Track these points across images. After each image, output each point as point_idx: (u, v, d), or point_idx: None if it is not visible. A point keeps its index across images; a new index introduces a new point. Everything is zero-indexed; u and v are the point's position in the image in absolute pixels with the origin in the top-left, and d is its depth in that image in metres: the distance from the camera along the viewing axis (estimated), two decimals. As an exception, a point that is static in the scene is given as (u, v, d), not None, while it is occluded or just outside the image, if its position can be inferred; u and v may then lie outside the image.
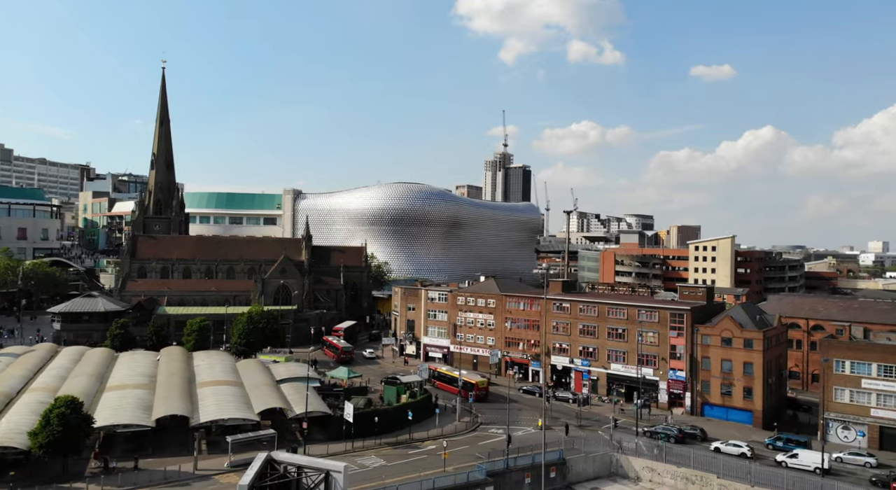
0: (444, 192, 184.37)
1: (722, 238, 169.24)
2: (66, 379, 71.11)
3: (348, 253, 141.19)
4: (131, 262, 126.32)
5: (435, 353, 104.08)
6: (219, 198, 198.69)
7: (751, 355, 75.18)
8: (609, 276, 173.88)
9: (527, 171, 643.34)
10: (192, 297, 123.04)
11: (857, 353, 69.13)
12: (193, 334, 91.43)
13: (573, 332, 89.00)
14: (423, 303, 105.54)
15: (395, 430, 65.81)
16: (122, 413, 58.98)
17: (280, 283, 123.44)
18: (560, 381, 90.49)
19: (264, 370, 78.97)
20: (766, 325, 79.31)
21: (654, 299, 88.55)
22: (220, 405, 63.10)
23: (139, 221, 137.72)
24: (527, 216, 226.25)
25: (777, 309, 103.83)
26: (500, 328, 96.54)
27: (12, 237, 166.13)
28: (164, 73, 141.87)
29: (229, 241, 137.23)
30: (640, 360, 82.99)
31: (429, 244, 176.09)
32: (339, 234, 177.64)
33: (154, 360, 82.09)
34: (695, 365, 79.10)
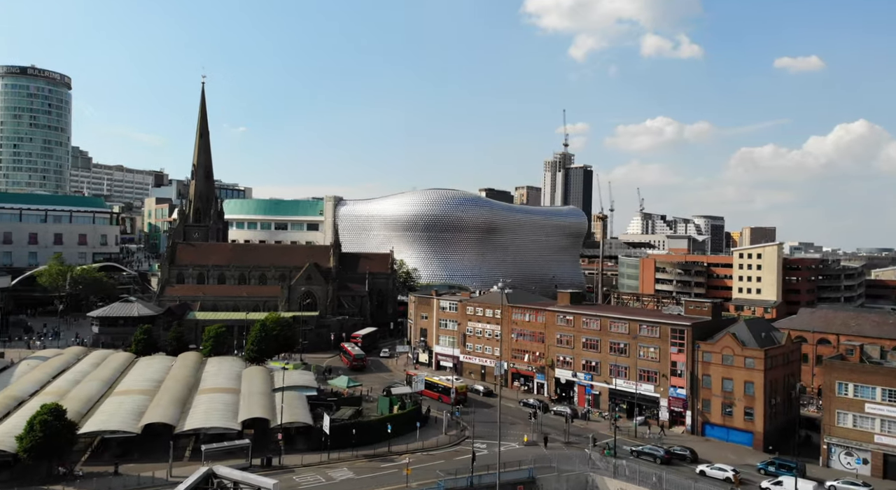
0: (477, 197, 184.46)
1: (768, 245, 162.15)
2: (79, 383, 75.94)
3: (375, 260, 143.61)
4: (170, 268, 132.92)
5: (446, 362, 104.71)
6: (266, 204, 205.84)
7: (752, 374, 72.16)
8: (649, 284, 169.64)
9: (588, 171, 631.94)
10: (224, 302, 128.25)
11: (860, 375, 65.33)
12: (210, 340, 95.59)
13: (576, 345, 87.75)
14: (435, 311, 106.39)
15: (376, 442, 66.88)
16: (113, 419, 62.58)
17: (305, 289, 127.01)
18: (564, 395, 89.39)
19: (267, 378, 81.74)
20: (772, 342, 75.91)
21: (657, 313, 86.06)
22: (208, 413, 65.94)
23: (179, 229, 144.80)
24: (569, 220, 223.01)
25: (807, 323, 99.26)
26: (506, 339, 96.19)
27: (74, 242, 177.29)
28: (203, 88, 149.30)
29: (262, 248, 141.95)
30: (640, 376, 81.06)
31: (462, 250, 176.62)
32: (375, 239, 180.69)
33: (168, 366, 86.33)
34: (695, 383, 76.58)
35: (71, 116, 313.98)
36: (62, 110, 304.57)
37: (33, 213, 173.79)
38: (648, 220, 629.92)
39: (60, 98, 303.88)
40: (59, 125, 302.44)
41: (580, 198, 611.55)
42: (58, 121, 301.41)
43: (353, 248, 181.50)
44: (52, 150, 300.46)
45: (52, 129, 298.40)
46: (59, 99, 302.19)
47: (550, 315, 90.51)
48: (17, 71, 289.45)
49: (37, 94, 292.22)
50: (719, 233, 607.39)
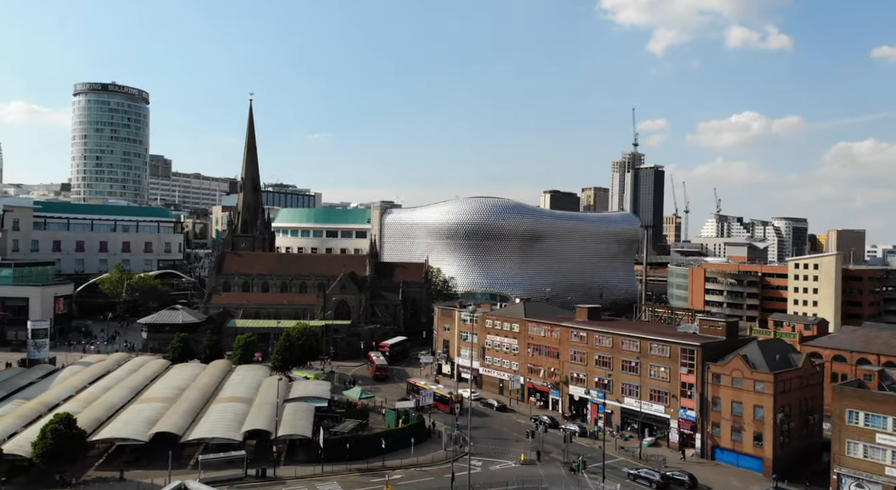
0: (519, 205, 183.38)
1: (825, 255, 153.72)
2: (110, 389, 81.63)
3: (410, 269, 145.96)
4: (217, 276, 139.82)
5: (467, 374, 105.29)
6: (318, 213, 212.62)
7: (761, 398, 69.37)
8: (699, 296, 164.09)
9: (659, 171, 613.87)
10: (266, 310, 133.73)
11: (870, 403, 61.71)
12: (239, 349, 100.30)
13: (589, 361, 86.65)
14: (457, 323, 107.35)
15: (372, 456, 68.58)
16: (127, 427, 67.14)
17: (340, 298, 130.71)
18: (577, 413, 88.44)
19: (283, 388, 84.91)
20: (788, 364, 72.64)
21: (669, 331, 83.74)
22: (215, 424, 69.57)
23: (228, 239, 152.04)
24: (621, 226, 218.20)
25: (846, 342, 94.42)
26: (523, 353, 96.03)
27: (140, 250, 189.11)
28: (251, 105, 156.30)
29: (304, 258, 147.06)
30: (651, 396, 79.30)
31: (504, 258, 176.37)
32: (419, 247, 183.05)
33: (196, 374, 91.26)
34: (705, 405, 74.27)
35: (149, 129, 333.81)
36: (140, 123, 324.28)
37: (104, 223, 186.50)
38: (724, 222, 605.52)
39: (139, 112, 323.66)
40: (137, 137, 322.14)
41: (650, 200, 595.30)
42: (136, 133, 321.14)
43: (398, 255, 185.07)
44: (131, 161, 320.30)
45: (130, 142, 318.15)
46: (137, 113, 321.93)
47: (565, 330, 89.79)
48: (99, 88, 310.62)
49: (117, 109, 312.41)
50: (802, 235, 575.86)
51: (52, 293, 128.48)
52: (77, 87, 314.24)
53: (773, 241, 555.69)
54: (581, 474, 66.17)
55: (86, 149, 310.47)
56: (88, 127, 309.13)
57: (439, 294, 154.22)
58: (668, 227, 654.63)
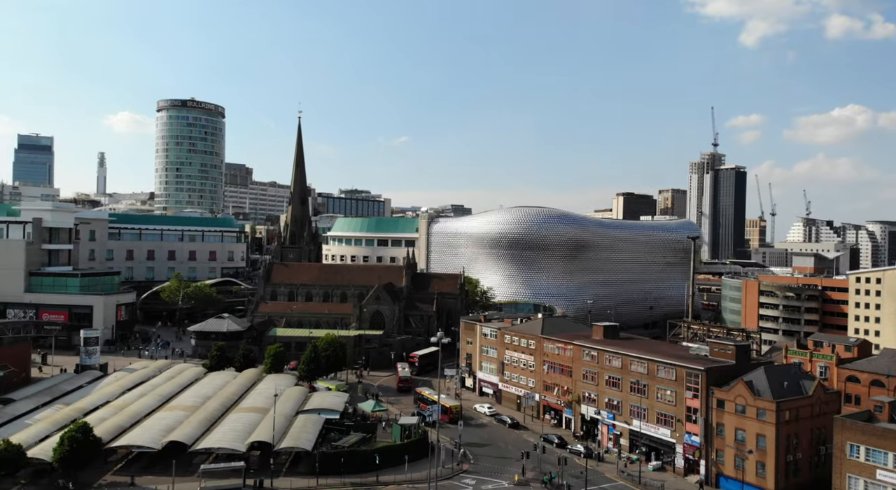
0: (564, 214, 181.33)
1: (889, 269, 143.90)
2: (143, 396, 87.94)
3: (446, 279, 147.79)
4: (265, 286, 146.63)
5: (488, 388, 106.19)
6: (369, 222, 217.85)
7: (763, 427, 66.92)
8: (752, 312, 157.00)
9: (741, 172, 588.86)
10: (308, 318, 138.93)
11: (871, 438, 58.58)
12: (270, 358, 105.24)
13: (600, 381, 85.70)
14: (478, 338, 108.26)
15: (367, 471, 70.76)
16: (145, 435, 72.26)
17: (375, 308, 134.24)
18: (588, 433, 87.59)
19: (300, 398, 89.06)
20: (798, 392, 69.58)
21: (679, 353, 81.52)
22: (225, 434, 73.81)
23: (277, 250, 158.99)
24: (678, 235, 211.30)
25: (885, 366, 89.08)
26: (539, 370, 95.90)
27: (205, 259, 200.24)
28: (300, 122, 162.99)
29: (345, 268, 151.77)
30: (658, 419, 77.74)
31: (548, 268, 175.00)
32: (464, 256, 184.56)
33: (227, 382, 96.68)
34: (710, 431, 72.21)
35: (224, 142, 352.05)
36: (216, 136, 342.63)
37: (172, 233, 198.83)
38: (811, 226, 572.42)
39: (215, 126, 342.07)
40: (213, 150, 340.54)
41: (731, 202, 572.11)
42: (212, 146, 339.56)
43: (444, 264, 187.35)
44: (208, 172, 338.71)
45: (207, 154, 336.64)
46: (213, 127, 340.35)
47: (577, 349, 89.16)
48: (179, 103, 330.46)
49: (195, 124, 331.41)
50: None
51: (115, 301, 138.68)
52: (160, 103, 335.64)
53: (867, 247, 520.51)
54: (547, 482, 66.38)
55: (167, 161, 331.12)
56: (169, 140, 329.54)
57: (477, 305, 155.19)
58: (752, 232, 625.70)
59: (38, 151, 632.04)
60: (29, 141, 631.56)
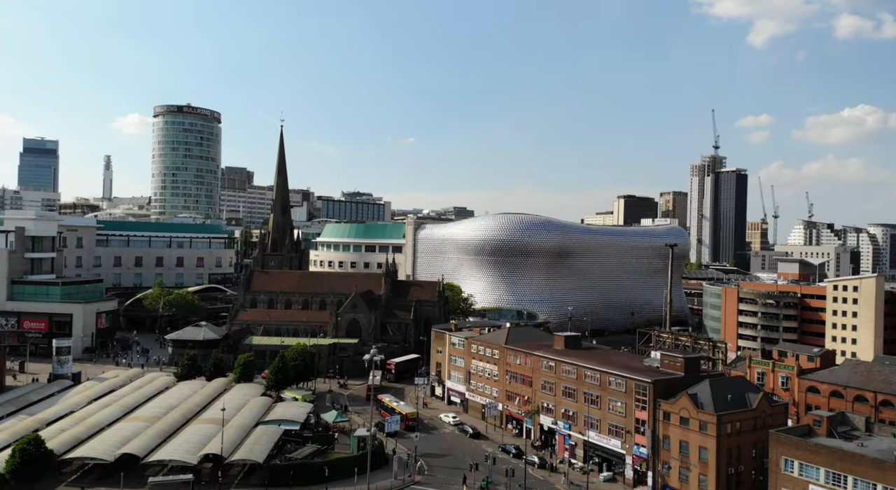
0: (547, 221, 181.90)
1: (866, 277, 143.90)
2: (108, 407, 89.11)
3: (425, 287, 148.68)
4: (245, 293, 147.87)
5: (456, 397, 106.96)
6: (357, 228, 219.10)
7: (705, 440, 67.49)
8: (731, 320, 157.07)
9: (741, 175, 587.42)
10: (286, 326, 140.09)
11: (804, 452, 59.07)
12: (239, 367, 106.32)
13: (557, 392, 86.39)
14: (447, 346, 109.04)
15: (318, 483, 71.56)
16: (98, 446, 73.24)
17: (352, 316, 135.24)
18: (546, 443, 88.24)
19: (262, 409, 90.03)
20: (742, 404, 70.13)
21: (631, 365, 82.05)
22: (179, 445, 74.77)
23: (258, 257, 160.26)
24: (665, 241, 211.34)
25: (846, 377, 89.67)
26: (502, 380, 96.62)
27: (193, 265, 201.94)
28: (282, 130, 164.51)
29: (325, 276, 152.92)
30: (610, 430, 78.39)
31: (531, 275, 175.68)
32: (449, 263, 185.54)
33: (194, 391, 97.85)
34: (657, 443, 72.79)
35: (220, 147, 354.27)
36: (212, 142, 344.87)
37: (160, 240, 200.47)
38: (812, 229, 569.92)
39: (211, 131, 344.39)
40: (209, 155, 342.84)
41: (732, 204, 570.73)
42: (208, 152, 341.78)
43: (430, 270, 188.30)
44: (204, 177, 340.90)
45: (203, 159, 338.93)
46: (209, 132, 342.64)
47: (537, 360, 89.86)
48: (175, 109, 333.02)
49: (190, 129, 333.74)
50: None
51: (95, 309, 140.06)
52: (157, 108, 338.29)
53: (868, 250, 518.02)
54: None
55: (163, 166, 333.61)
56: (165, 146, 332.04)
57: (458, 311, 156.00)
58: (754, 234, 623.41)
59: (43, 155, 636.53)
60: (34, 145, 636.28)
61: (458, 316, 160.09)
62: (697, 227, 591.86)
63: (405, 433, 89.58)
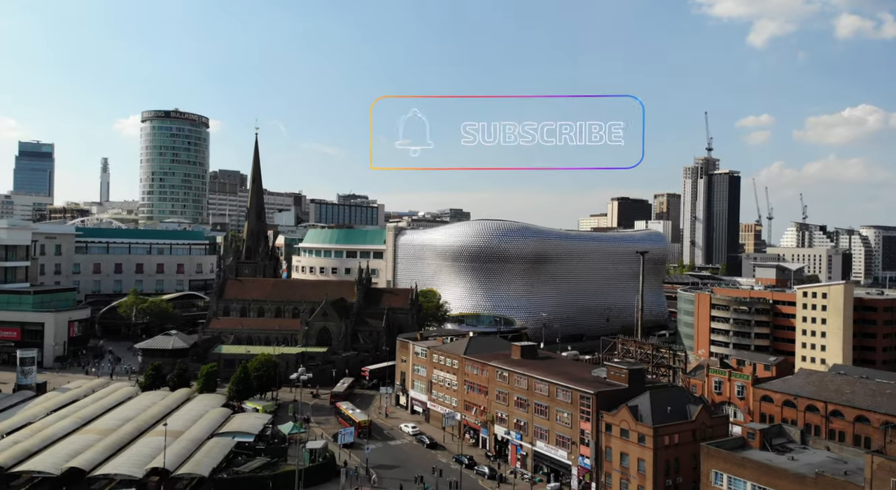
0: (525, 227, 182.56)
1: (834, 284, 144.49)
2: (65, 418, 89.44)
3: (398, 294, 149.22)
4: (218, 301, 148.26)
5: (418, 407, 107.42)
6: (339, 234, 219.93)
7: (643, 452, 68.08)
8: (704, 325, 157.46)
9: (734, 177, 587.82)
10: (258, 334, 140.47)
11: (732, 466, 59.68)
12: (202, 378, 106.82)
13: (510, 402, 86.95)
14: (411, 356, 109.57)
15: (266, 495, 72.25)
16: (48, 460, 73.74)
17: (322, 325, 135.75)
18: (500, 453, 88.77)
19: (219, 420, 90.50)
20: (683, 416, 70.73)
21: (579, 376, 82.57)
22: (128, 458, 75.11)
23: (232, 265, 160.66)
24: (645, 246, 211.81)
25: (798, 386, 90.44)
26: (461, 390, 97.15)
27: (173, 271, 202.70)
28: (256, 137, 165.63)
29: (298, 283, 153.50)
30: (557, 441, 78.98)
31: (509, 281, 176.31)
32: (429, 268, 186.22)
33: (154, 403, 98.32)
34: (599, 454, 73.38)
35: (208, 152, 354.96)
36: (200, 147, 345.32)
37: (140, 246, 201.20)
38: (805, 231, 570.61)
39: (199, 136, 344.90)
40: (197, 160, 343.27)
41: (725, 207, 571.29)
42: (196, 156, 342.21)
43: (411, 275, 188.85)
44: (191, 182, 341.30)
45: (190, 164, 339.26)
46: (197, 137, 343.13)
47: (492, 370, 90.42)
48: (162, 114, 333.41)
49: (178, 134, 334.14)
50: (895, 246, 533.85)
51: (67, 318, 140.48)
52: (144, 114, 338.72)
53: (860, 252, 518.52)
54: None
55: (150, 171, 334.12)
56: (152, 151, 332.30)
57: (433, 318, 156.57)
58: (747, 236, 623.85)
59: (39, 158, 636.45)
60: (29, 148, 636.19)
61: (434, 323, 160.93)
62: (691, 229, 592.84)
63: (362, 443, 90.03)
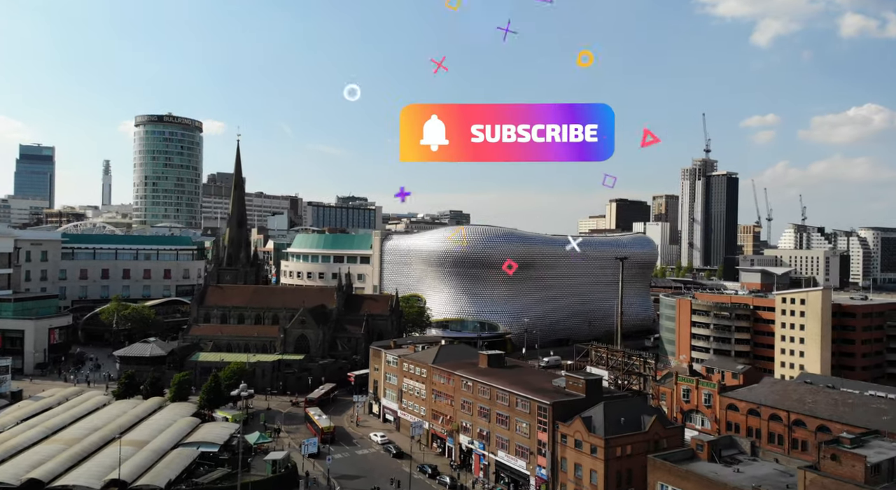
0: (508, 233, 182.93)
1: (812, 290, 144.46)
2: (33, 428, 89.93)
3: (379, 301, 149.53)
4: (199, 308, 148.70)
5: (390, 415, 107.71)
6: (325, 239, 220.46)
7: (595, 463, 68.29)
8: (685, 331, 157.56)
9: (732, 178, 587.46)
10: (237, 341, 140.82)
11: (675, 478, 59.85)
12: (174, 386, 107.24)
13: (474, 412, 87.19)
14: (383, 365, 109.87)
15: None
16: (8, 471, 74.08)
17: (300, 332, 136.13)
18: (464, 463, 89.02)
19: (186, 430, 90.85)
20: (637, 427, 70.91)
21: (539, 386, 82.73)
22: (88, 469, 75.43)
23: (213, 272, 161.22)
24: (631, 250, 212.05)
25: (763, 395, 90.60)
26: (429, 399, 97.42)
27: (160, 277, 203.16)
28: (238, 145, 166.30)
29: (279, 290, 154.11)
30: (517, 451, 79.20)
31: (493, 286, 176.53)
32: (414, 273, 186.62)
33: (123, 412, 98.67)
34: (555, 465, 73.60)
35: (202, 156, 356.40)
36: (193, 151, 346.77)
37: (127, 252, 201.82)
38: (803, 232, 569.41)
39: (192, 140, 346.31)
40: (190, 164, 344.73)
41: (723, 208, 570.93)
42: (189, 160, 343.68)
43: (398, 280, 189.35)
44: (184, 185, 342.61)
45: (184, 168, 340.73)
46: (190, 141, 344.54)
47: (458, 379, 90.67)
48: (155, 119, 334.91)
49: (171, 139, 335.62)
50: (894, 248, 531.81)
51: (47, 325, 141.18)
52: (137, 118, 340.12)
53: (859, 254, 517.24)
54: None
55: (143, 175, 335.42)
56: (145, 155, 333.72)
57: (414, 324, 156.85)
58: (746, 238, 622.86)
59: (39, 161, 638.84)
60: (30, 151, 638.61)
61: (417, 329, 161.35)
62: (689, 230, 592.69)
63: (328, 453, 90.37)
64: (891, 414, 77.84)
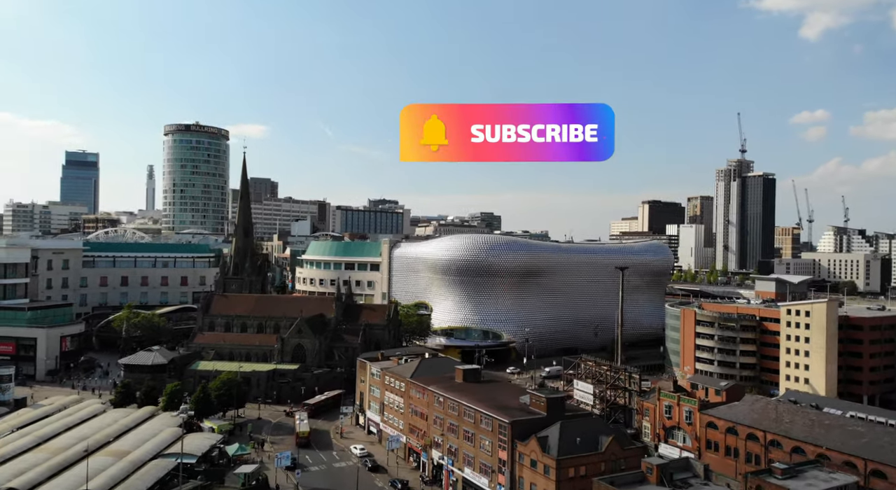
0: (513, 241, 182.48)
1: (818, 302, 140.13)
2: (25, 436, 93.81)
3: (377, 310, 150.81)
4: (204, 316, 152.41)
5: (373, 428, 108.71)
6: (338, 246, 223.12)
7: (548, 483, 67.99)
8: (689, 342, 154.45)
9: (769, 179, 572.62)
10: (239, 350, 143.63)
11: (617, 505, 59.12)
12: (166, 396, 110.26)
13: (445, 427, 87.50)
14: (368, 377, 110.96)
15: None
16: (-13, 480, 78.05)
17: (297, 342, 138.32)
18: (436, 478, 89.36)
19: (169, 441, 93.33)
20: (593, 448, 70.34)
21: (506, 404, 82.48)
22: (66, 479, 78.39)
23: (220, 281, 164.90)
24: (645, 258, 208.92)
25: (742, 414, 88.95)
26: (406, 413, 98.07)
27: (177, 284, 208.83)
28: (244, 156, 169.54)
29: (281, 299, 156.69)
30: (481, 468, 79.31)
31: (497, 294, 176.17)
32: (422, 281, 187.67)
33: (115, 421, 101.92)
34: (514, 484, 73.45)
35: (228, 163, 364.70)
36: (220, 159, 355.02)
37: (145, 259, 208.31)
38: (843, 235, 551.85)
39: (219, 148, 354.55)
40: (217, 172, 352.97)
41: (759, 210, 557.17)
42: (216, 168, 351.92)
43: (406, 288, 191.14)
44: (211, 192, 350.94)
45: (210, 176, 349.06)
46: (217, 149, 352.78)
47: (431, 394, 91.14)
48: (183, 128, 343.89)
49: (198, 147, 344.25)
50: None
51: (59, 333, 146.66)
52: (166, 128, 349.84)
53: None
54: None
55: (172, 183, 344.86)
56: (174, 163, 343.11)
57: (414, 333, 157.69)
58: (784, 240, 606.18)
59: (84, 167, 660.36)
60: (76, 157, 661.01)
61: (417, 338, 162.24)
62: (724, 233, 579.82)
63: (306, 465, 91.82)
64: (867, 436, 75.49)
